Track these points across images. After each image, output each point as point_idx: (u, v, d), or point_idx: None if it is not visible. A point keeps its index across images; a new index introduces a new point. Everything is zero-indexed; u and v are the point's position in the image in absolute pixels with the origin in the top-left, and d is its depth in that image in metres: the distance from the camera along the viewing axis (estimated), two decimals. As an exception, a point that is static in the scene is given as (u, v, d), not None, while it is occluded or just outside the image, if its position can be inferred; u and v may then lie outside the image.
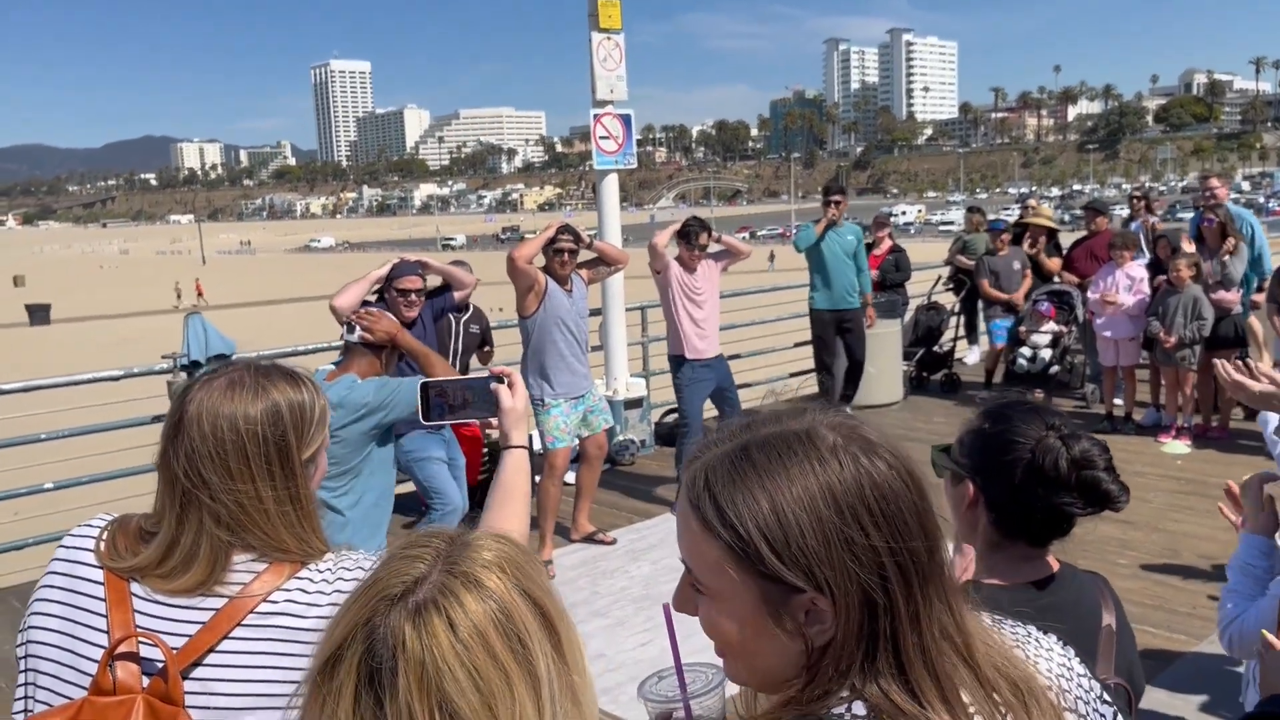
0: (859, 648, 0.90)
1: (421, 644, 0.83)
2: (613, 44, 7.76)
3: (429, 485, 5.31)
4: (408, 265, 5.28)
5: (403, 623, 0.84)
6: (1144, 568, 5.30)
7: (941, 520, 0.96)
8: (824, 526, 0.89)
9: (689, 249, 6.58)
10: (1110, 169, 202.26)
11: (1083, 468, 1.59)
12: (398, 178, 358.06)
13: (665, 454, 7.88)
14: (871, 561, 0.89)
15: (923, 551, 0.92)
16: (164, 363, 6.29)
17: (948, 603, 0.94)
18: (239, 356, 6.31)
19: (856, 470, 0.92)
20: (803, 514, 0.90)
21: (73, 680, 1.41)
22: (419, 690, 0.82)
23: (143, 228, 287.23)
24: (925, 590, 0.92)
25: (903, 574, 0.90)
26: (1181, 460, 7.28)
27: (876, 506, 0.90)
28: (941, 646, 0.92)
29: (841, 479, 0.91)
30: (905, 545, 0.90)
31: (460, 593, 0.86)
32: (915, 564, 0.91)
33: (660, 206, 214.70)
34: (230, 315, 33.32)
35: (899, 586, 0.90)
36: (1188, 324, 7.40)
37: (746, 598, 0.92)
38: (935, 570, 0.93)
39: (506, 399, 1.79)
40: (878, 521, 0.90)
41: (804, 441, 0.94)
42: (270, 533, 1.45)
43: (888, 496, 0.91)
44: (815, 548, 0.89)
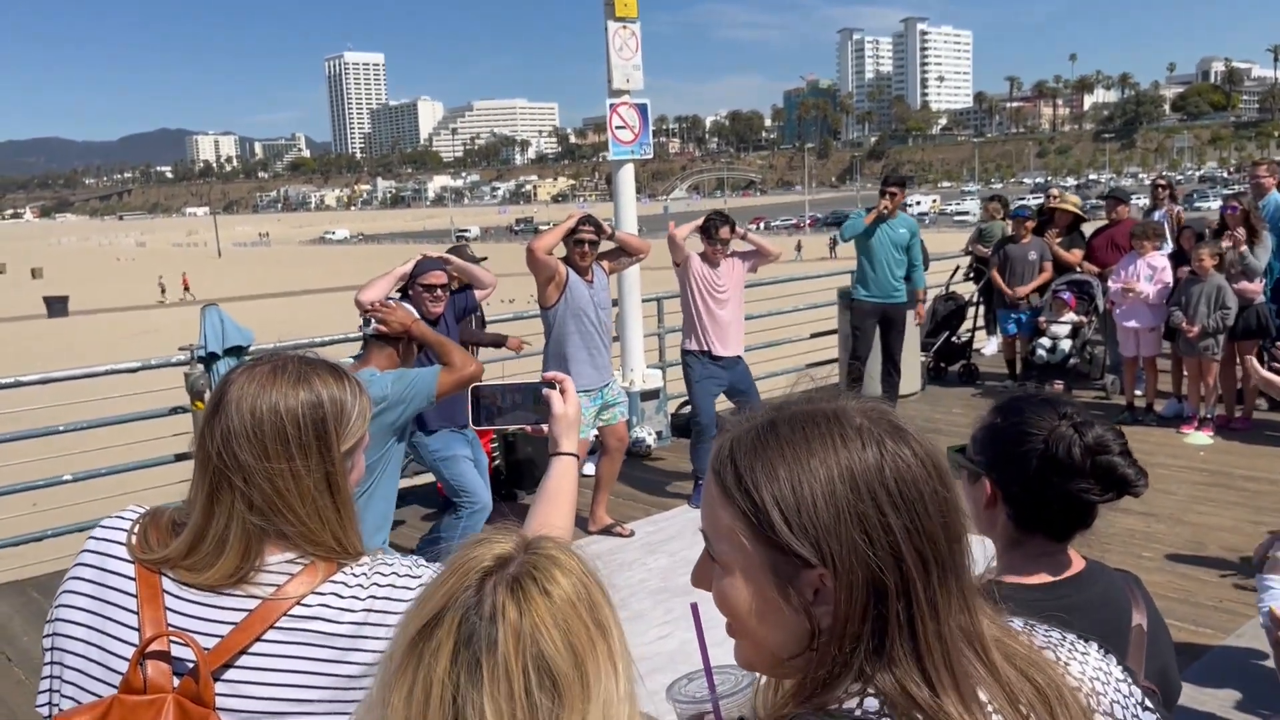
0: (864, 631, 0.89)
1: (519, 609, 0.89)
2: (629, 33, 7.72)
3: (457, 484, 5.27)
4: (431, 261, 5.28)
5: (503, 590, 0.90)
6: (1168, 559, 5.25)
7: (966, 520, 0.95)
8: (837, 501, 0.89)
9: (710, 243, 6.54)
10: (1127, 158, 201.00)
11: (1097, 453, 1.57)
12: (411, 169, 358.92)
13: (682, 446, 7.85)
14: (885, 542, 0.88)
15: (943, 541, 0.91)
16: (181, 354, 6.29)
17: (966, 601, 0.93)
18: (257, 348, 6.32)
19: (879, 452, 0.91)
20: (817, 486, 0.90)
21: (100, 677, 1.39)
22: (516, 648, 0.87)
23: (159, 220, 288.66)
24: (945, 582, 0.90)
25: (921, 561, 0.89)
26: (1204, 452, 7.20)
27: (896, 489, 0.90)
28: (958, 643, 0.91)
29: (862, 458, 0.91)
30: (924, 531, 0.89)
31: (549, 568, 0.93)
32: (935, 553, 0.90)
33: (674, 197, 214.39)
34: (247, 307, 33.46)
35: (917, 573, 0.89)
36: (1211, 313, 7.32)
37: (757, 569, 0.93)
38: (956, 565, 0.92)
39: (558, 405, 1.76)
40: (896, 504, 0.89)
41: (830, 420, 0.94)
42: (304, 520, 1.42)
43: (909, 481, 0.90)
44: (826, 521, 0.89)
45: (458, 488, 5.28)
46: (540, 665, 0.87)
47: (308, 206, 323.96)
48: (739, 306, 6.72)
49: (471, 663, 0.87)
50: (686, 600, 4.55)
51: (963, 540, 0.93)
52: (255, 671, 1.37)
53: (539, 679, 0.87)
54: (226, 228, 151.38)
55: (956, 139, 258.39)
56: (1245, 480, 6.50)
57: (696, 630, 1.21)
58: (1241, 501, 6.12)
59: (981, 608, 0.95)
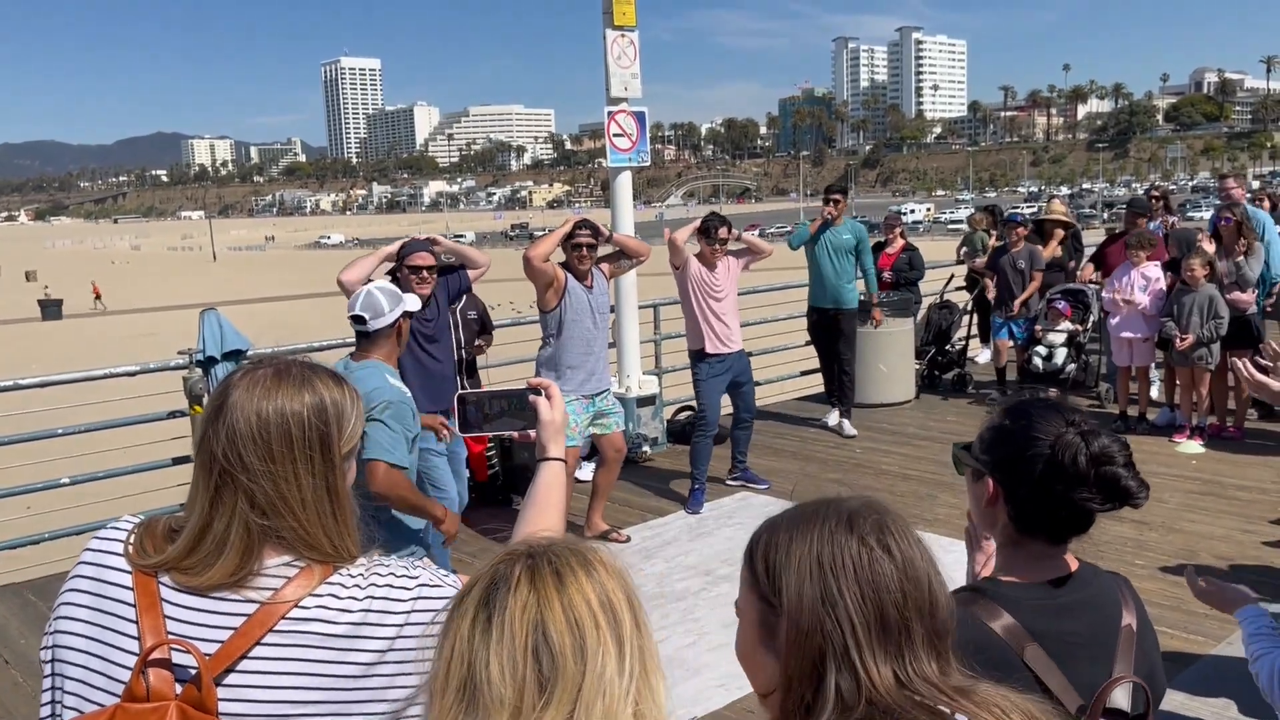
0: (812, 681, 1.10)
1: (532, 586, 1.00)
2: (627, 41, 7.75)
3: (427, 477, 5.32)
4: (418, 243, 5.30)
5: (523, 569, 1.02)
6: (1160, 569, 5.29)
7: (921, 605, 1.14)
8: (808, 575, 1.14)
9: (709, 244, 6.60)
10: (1120, 168, 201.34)
11: (1102, 464, 1.58)
12: (407, 175, 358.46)
13: (678, 451, 7.87)
14: (835, 618, 1.11)
15: (894, 613, 1.11)
16: (179, 358, 6.30)
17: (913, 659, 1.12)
18: (254, 352, 6.33)
19: (855, 548, 1.14)
20: (808, 566, 1.14)
21: (102, 686, 1.40)
22: (521, 615, 0.98)
23: (154, 223, 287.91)
24: (884, 644, 1.10)
25: (862, 637, 1.10)
26: (1196, 461, 7.25)
27: (854, 580, 1.12)
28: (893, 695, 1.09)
29: (835, 547, 1.14)
30: (872, 616, 1.10)
31: (573, 564, 1.04)
32: (881, 629, 1.11)
33: (669, 204, 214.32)
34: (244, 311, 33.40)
35: (855, 648, 1.09)
36: (1204, 323, 7.36)
37: (752, 616, 1.18)
38: (899, 642, 1.11)
39: (545, 411, 1.78)
40: (852, 590, 1.12)
41: (830, 517, 1.18)
42: (304, 522, 1.44)
43: (871, 571, 1.13)
44: (793, 586, 1.14)
45: (428, 481, 5.32)
46: (541, 636, 0.97)
47: (303, 211, 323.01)
48: (735, 302, 6.80)
49: (484, 621, 0.99)
50: (682, 606, 4.63)
51: (920, 618, 1.13)
52: (256, 676, 1.38)
53: (539, 647, 0.97)
54: (222, 231, 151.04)
55: (951, 147, 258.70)
56: (1236, 489, 6.54)
57: None
58: (1233, 510, 6.16)
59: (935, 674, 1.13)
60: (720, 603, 5.17)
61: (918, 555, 1.17)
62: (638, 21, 7.80)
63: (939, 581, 1.18)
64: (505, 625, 0.98)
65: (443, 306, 5.43)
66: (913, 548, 1.18)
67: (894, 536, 1.17)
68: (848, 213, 8.35)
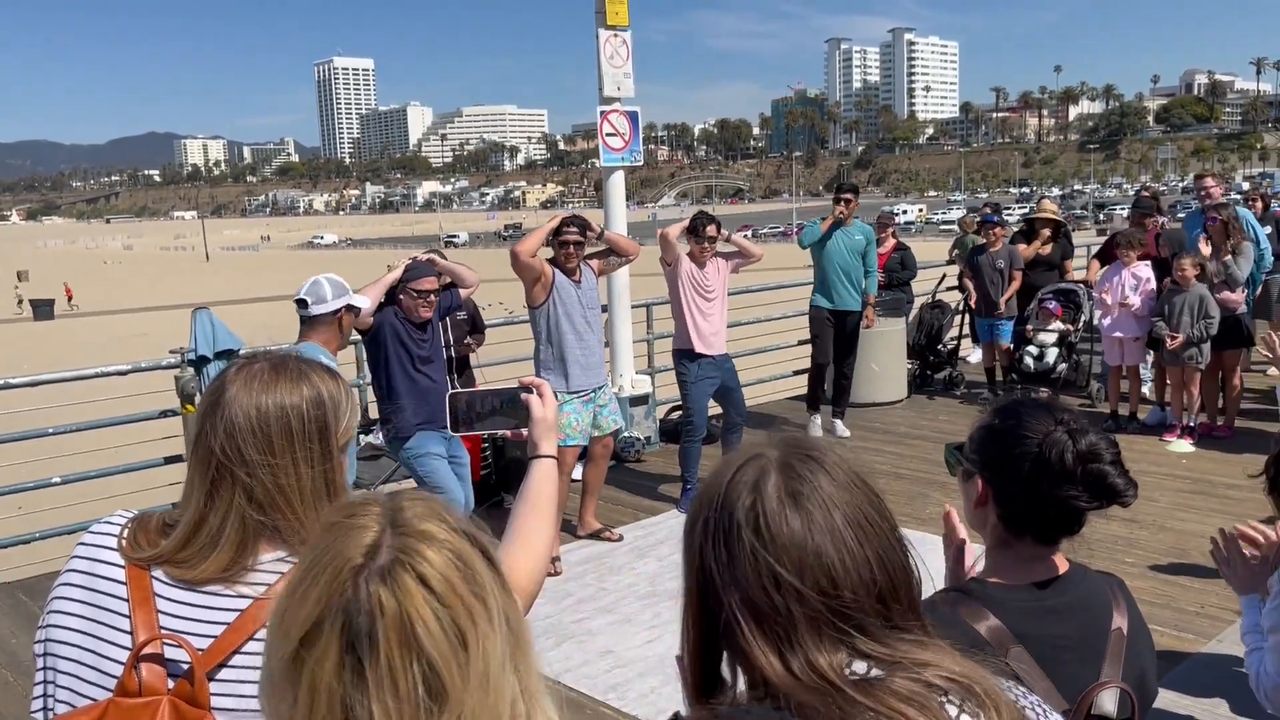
0: (708, 657, 1.07)
1: (398, 604, 0.88)
2: (620, 41, 7.76)
3: (430, 481, 5.32)
4: (423, 267, 5.33)
5: (376, 588, 0.88)
6: (1151, 567, 5.31)
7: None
8: (701, 516, 1.07)
9: (698, 242, 6.60)
10: (1111, 169, 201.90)
11: (1089, 461, 1.58)
12: (400, 175, 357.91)
13: (670, 451, 7.87)
14: (711, 565, 1.04)
15: (760, 597, 1.01)
16: (171, 358, 6.29)
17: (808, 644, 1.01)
18: (246, 352, 6.32)
19: (733, 497, 1.05)
20: (697, 517, 1.08)
21: (94, 681, 1.40)
22: (399, 647, 0.87)
23: (147, 223, 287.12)
24: (769, 623, 1.01)
25: (741, 609, 1.02)
26: (1186, 459, 7.28)
27: (722, 534, 1.04)
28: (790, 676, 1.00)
29: (720, 493, 1.06)
30: (739, 583, 1.02)
31: (420, 548, 0.91)
32: (751, 606, 1.01)
33: (662, 205, 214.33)
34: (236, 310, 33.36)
35: (738, 626, 1.02)
36: (1195, 323, 7.39)
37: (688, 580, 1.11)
38: (791, 619, 1.00)
39: (537, 409, 1.78)
40: (718, 546, 1.04)
41: (745, 453, 1.10)
42: (302, 516, 1.44)
43: (731, 534, 1.03)
44: (694, 535, 1.07)
45: (430, 485, 5.33)
46: (422, 657, 0.87)
47: (296, 211, 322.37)
48: (724, 304, 6.79)
49: (355, 665, 0.87)
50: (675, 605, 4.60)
51: (800, 612, 1.00)
52: (249, 671, 1.37)
53: (423, 673, 0.87)
54: (214, 231, 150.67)
55: (943, 148, 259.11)
56: (1227, 488, 6.57)
57: None
58: (1223, 509, 6.18)
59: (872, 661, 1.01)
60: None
61: (821, 512, 1.03)
62: (631, 22, 7.81)
63: (851, 546, 1.02)
64: (383, 668, 0.87)
65: (435, 327, 5.43)
66: (816, 504, 1.03)
67: (802, 484, 1.04)
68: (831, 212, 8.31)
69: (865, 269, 8.28)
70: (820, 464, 1.06)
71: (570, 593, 5.41)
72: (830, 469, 1.06)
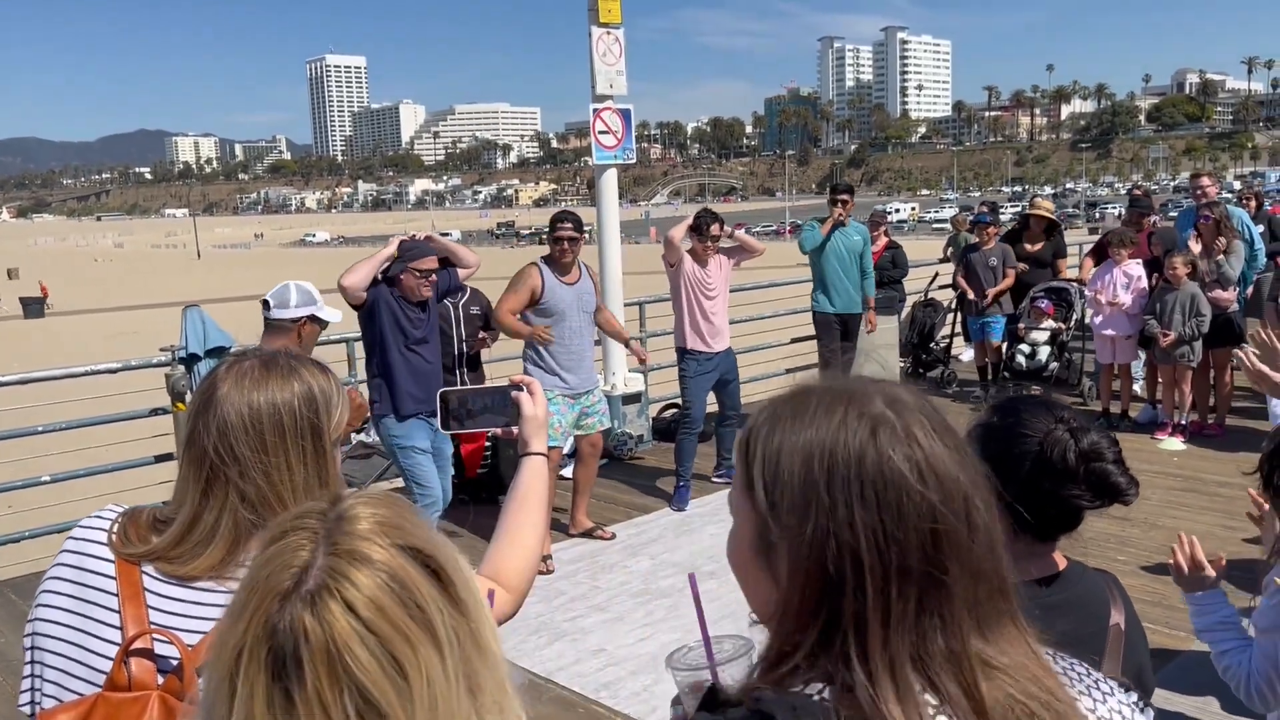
0: (814, 618, 0.88)
1: (323, 631, 0.83)
2: (612, 39, 7.75)
3: (410, 474, 5.34)
4: (422, 246, 5.29)
5: (300, 614, 0.83)
6: (1142, 565, 5.32)
7: (977, 545, 0.90)
8: (808, 479, 0.89)
9: (701, 240, 6.60)
10: (1103, 168, 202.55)
11: (1091, 460, 1.58)
12: (393, 173, 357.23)
13: (663, 449, 7.87)
14: (846, 536, 0.87)
15: (916, 554, 0.87)
16: (162, 355, 6.26)
17: (948, 623, 0.88)
18: (236, 350, 6.29)
19: (873, 443, 0.89)
20: (796, 460, 0.90)
21: (82, 676, 1.39)
22: (327, 677, 0.82)
23: (137, 221, 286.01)
24: (906, 595, 0.86)
25: (882, 566, 0.86)
26: (1178, 457, 7.30)
27: (873, 485, 0.87)
28: (905, 660, 0.87)
29: (847, 443, 0.89)
30: (891, 537, 0.86)
31: (349, 572, 0.86)
32: (902, 563, 0.86)
33: (655, 203, 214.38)
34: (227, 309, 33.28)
35: (873, 578, 0.86)
36: (1186, 321, 7.41)
37: (748, 528, 0.94)
38: (935, 582, 0.87)
39: (528, 406, 1.79)
40: (866, 500, 0.87)
41: (842, 400, 0.92)
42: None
43: (889, 484, 0.87)
44: (793, 496, 0.89)
45: (412, 478, 5.35)
46: (353, 687, 0.82)
47: (288, 209, 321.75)
48: (725, 300, 6.80)
49: (284, 696, 0.82)
50: (667, 603, 4.61)
51: (957, 566, 0.88)
52: None
53: (356, 705, 0.82)
54: (206, 229, 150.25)
55: (935, 147, 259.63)
56: (1218, 486, 6.59)
57: (694, 599, 1.24)
58: (1214, 507, 6.21)
59: (997, 636, 0.90)
60: (706, 599, 5.16)
61: (958, 468, 0.90)
62: (623, 19, 7.80)
63: (985, 508, 0.91)
64: (312, 699, 0.82)
65: (431, 307, 5.40)
66: (959, 449, 0.91)
67: (933, 436, 0.91)
68: (825, 211, 8.31)
69: (862, 270, 8.26)
70: (927, 401, 0.95)
71: (562, 591, 5.40)
72: (936, 407, 0.95)
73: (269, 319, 4.04)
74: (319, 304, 4.10)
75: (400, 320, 5.19)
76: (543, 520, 1.79)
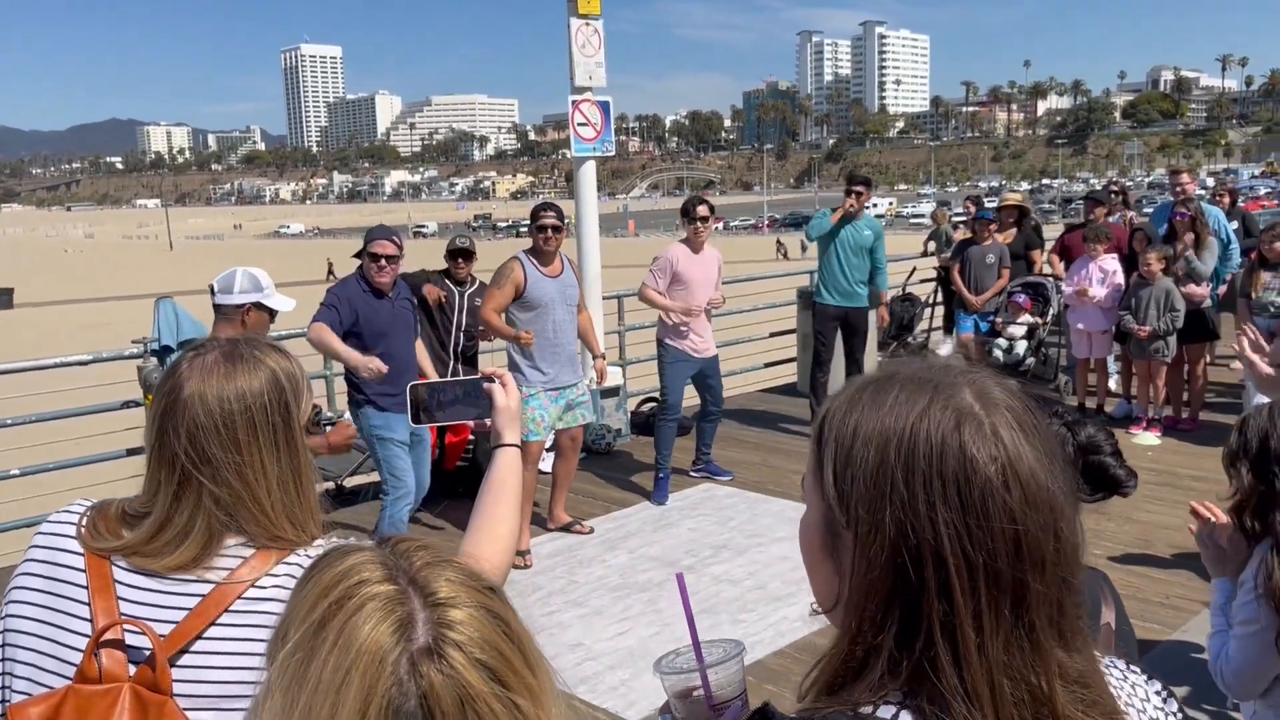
0: (887, 618, 0.83)
1: (454, 688, 0.78)
2: (591, 30, 7.71)
3: (387, 466, 5.34)
4: (382, 230, 5.34)
5: (431, 674, 0.77)
6: (1117, 558, 5.36)
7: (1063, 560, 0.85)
8: (884, 470, 0.83)
9: (690, 223, 6.59)
10: (1079, 164, 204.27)
11: (1089, 453, 1.58)
12: (369, 164, 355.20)
13: (642, 443, 7.86)
14: (925, 534, 0.81)
15: (1005, 559, 0.81)
16: (134, 347, 6.19)
17: (1030, 643, 0.83)
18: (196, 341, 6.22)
19: (957, 439, 0.83)
20: (871, 449, 0.84)
21: (53, 669, 1.38)
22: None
23: (108, 211, 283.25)
24: (997, 605, 0.81)
25: (969, 568, 0.81)
26: (1152, 452, 7.36)
27: (955, 482, 0.82)
28: (1003, 676, 0.82)
29: (929, 436, 0.83)
30: (976, 540, 0.81)
31: (451, 617, 0.81)
32: (991, 567, 0.81)
33: (634, 196, 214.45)
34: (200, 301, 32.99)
35: (959, 579, 0.81)
36: (1161, 316, 7.47)
37: (815, 514, 0.90)
38: (1018, 596, 0.82)
39: (500, 398, 1.77)
40: (949, 498, 0.82)
41: (927, 388, 0.87)
42: (269, 514, 1.42)
43: (974, 484, 0.82)
44: (866, 489, 0.84)
45: (387, 470, 5.35)
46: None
47: (262, 200, 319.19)
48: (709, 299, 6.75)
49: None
50: (645, 597, 4.58)
51: (1040, 574, 0.83)
52: (211, 656, 1.37)
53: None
54: (178, 220, 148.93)
55: (913, 142, 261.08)
56: (1192, 480, 6.65)
57: (683, 600, 1.22)
58: (1187, 500, 6.22)
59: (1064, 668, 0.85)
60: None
61: (1056, 464, 0.86)
62: (602, 11, 7.76)
63: (1071, 516, 0.86)
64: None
65: (398, 302, 5.35)
66: (1046, 452, 0.86)
67: (1019, 436, 0.85)
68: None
69: (875, 266, 7.91)
70: (1020, 398, 0.90)
71: (540, 586, 5.38)
72: (1029, 404, 0.90)
73: (214, 305, 4.06)
74: (266, 291, 4.04)
75: (359, 316, 5.16)
76: (517, 512, 1.78)
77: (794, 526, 0.96)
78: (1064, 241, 9.27)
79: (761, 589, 5.16)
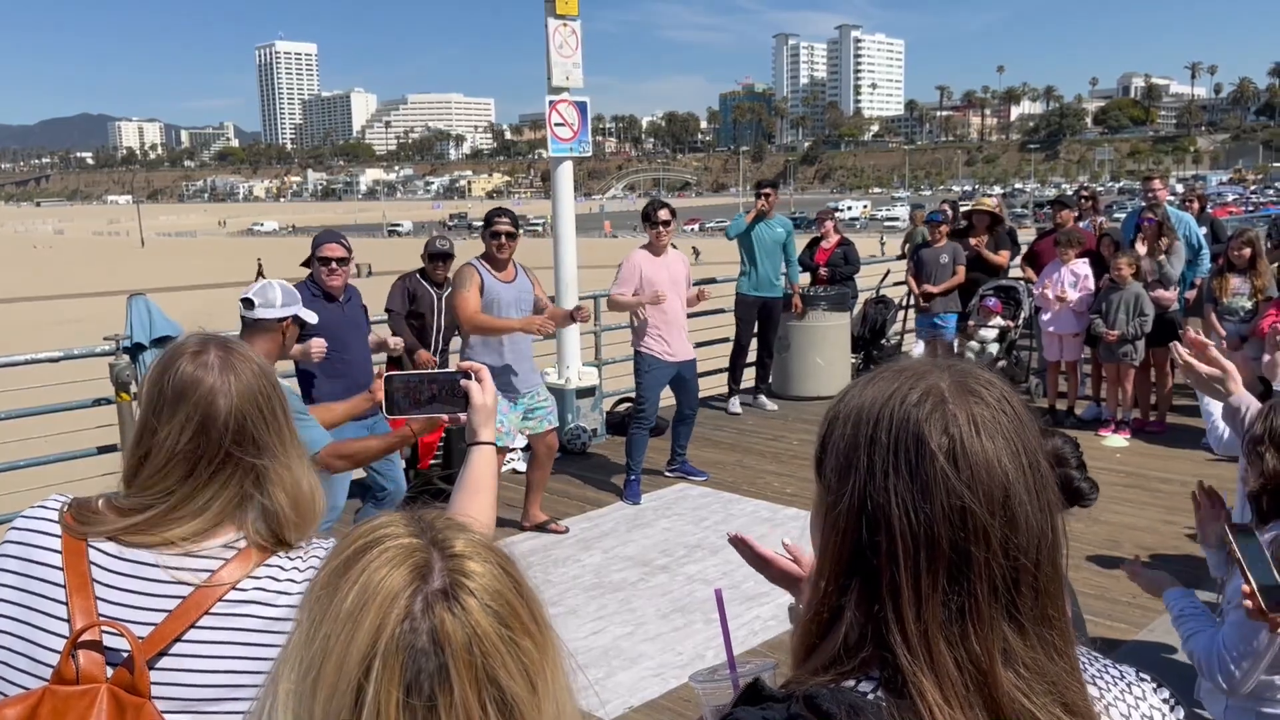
0: (850, 582, 0.88)
1: (464, 631, 0.82)
2: (569, 30, 7.72)
3: (376, 468, 5.29)
4: (330, 234, 5.32)
5: (441, 614, 0.82)
6: (1085, 558, 5.43)
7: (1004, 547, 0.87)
8: (853, 444, 0.90)
9: (651, 227, 6.65)
10: (1051, 169, 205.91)
11: (1056, 465, 1.60)
12: (343, 162, 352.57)
13: (617, 443, 7.88)
14: (880, 500, 0.87)
15: (945, 538, 0.86)
16: (106, 344, 6.14)
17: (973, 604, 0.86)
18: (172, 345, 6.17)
19: (915, 415, 0.88)
20: (849, 427, 0.91)
21: (28, 670, 1.37)
22: (472, 681, 0.81)
23: (79, 207, 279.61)
24: (935, 568, 0.86)
25: (913, 535, 0.86)
26: (1121, 454, 7.46)
27: (904, 455, 0.87)
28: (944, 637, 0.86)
29: (894, 412, 0.89)
30: (919, 512, 0.86)
31: (468, 567, 0.86)
32: (930, 540, 0.86)
33: (610, 196, 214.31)
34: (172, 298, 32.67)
35: (903, 544, 0.86)
36: (1130, 320, 7.57)
37: (817, 491, 0.96)
38: (961, 561, 0.86)
39: (477, 395, 1.78)
40: (898, 468, 0.87)
41: (910, 374, 0.93)
42: (292, 491, 1.48)
43: (922, 454, 0.87)
44: (839, 461, 0.91)
45: (376, 473, 5.33)
46: (495, 686, 0.82)
47: (236, 197, 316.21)
48: (682, 303, 6.77)
49: (427, 709, 0.80)
50: (620, 596, 4.62)
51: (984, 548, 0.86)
52: (190, 659, 1.36)
53: (495, 703, 0.82)
54: (150, 217, 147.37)
55: (888, 145, 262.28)
56: (1159, 481, 6.75)
57: (720, 614, 1.26)
58: (1155, 502, 6.36)
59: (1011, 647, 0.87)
60: (657, 593, 5.19)
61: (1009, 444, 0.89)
62: (580, 11, 7.77)
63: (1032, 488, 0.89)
64: (459, 708, 0.81)
65: (349, 305, 5.30)
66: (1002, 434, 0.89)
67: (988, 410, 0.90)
68: (780, 209, 8.65)
69: (787, 259, 8.92)
70: (1000, 391, 0.94)
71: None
72: (1009, 398, 0.94)
73: (252, 319, 3.76)
74: (300, 305, 3.90)
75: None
76: (491, 509, 1.79)
77: (768, 526, 1.00)
78: (1034, 248, 9.37)
79: (735, 588, 5.19)
